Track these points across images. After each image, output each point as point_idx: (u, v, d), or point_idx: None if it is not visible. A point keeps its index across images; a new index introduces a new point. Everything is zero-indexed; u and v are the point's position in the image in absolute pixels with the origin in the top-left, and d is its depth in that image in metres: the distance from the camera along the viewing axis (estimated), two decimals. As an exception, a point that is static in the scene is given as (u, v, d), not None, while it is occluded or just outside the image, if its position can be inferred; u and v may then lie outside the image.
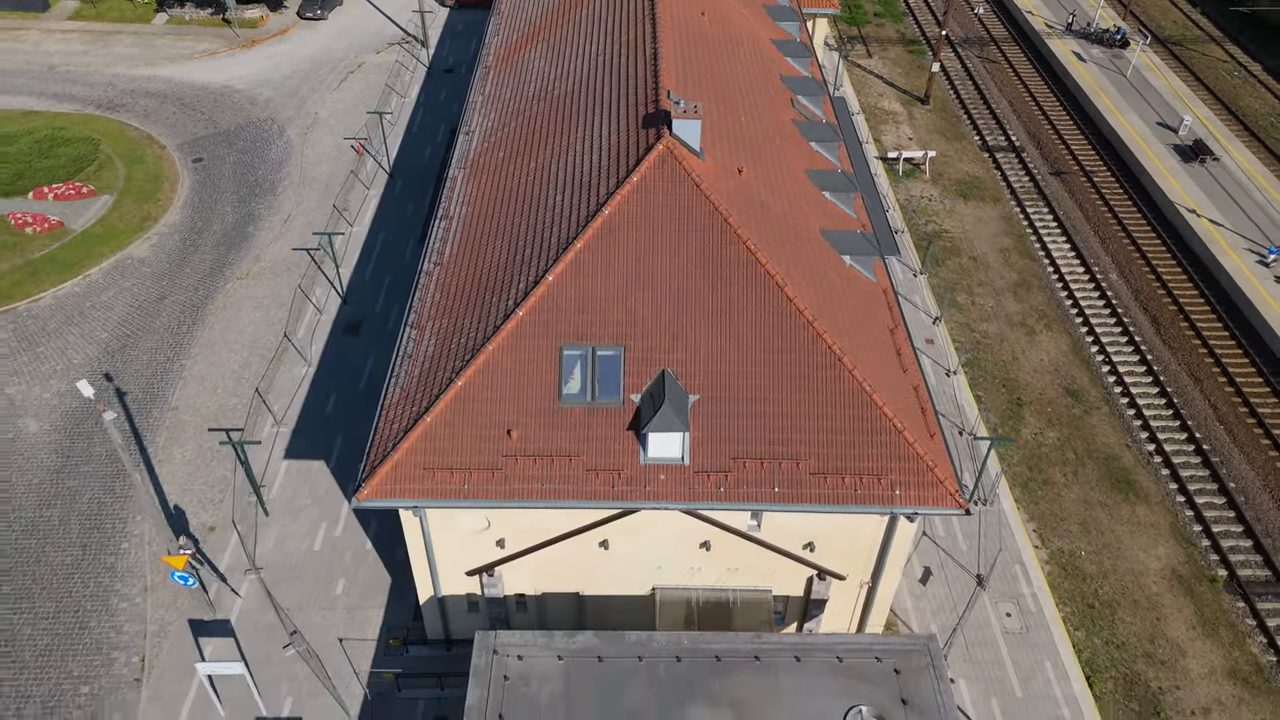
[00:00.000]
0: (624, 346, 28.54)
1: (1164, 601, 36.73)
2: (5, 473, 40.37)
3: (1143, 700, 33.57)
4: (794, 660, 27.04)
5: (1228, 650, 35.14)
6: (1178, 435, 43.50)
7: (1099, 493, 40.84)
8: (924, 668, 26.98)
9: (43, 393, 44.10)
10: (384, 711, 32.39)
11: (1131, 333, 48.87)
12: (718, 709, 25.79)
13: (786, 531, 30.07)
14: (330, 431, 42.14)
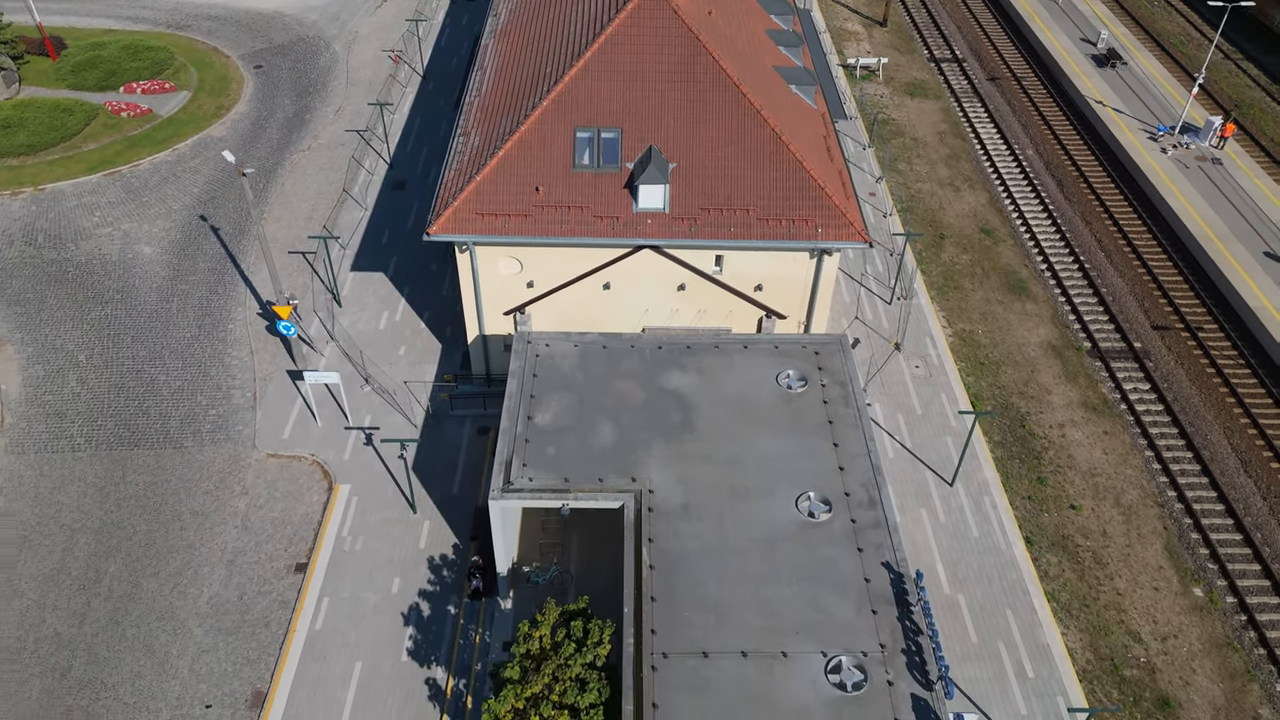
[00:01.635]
0: (621, 129, 39.09)
1: (1038, 362, 47.41)
2: (130, 279, 50.91)
3: (1013, 418, 44.26)
4: (743, 348, 37.73)
5: (1083, 391, 45.83)
6: (1066, 257, 54.23)
7: (998, 294, 51.50)
8: (836, 352, 37.65)
9: (151, 228, 54.60)
10: (440, 426, 42.95)
11: (1039, 190, 59.54)
12: (686, 373, 36.45)
13: (741, 276, 40.65)
14: (386, 254, 52.63)
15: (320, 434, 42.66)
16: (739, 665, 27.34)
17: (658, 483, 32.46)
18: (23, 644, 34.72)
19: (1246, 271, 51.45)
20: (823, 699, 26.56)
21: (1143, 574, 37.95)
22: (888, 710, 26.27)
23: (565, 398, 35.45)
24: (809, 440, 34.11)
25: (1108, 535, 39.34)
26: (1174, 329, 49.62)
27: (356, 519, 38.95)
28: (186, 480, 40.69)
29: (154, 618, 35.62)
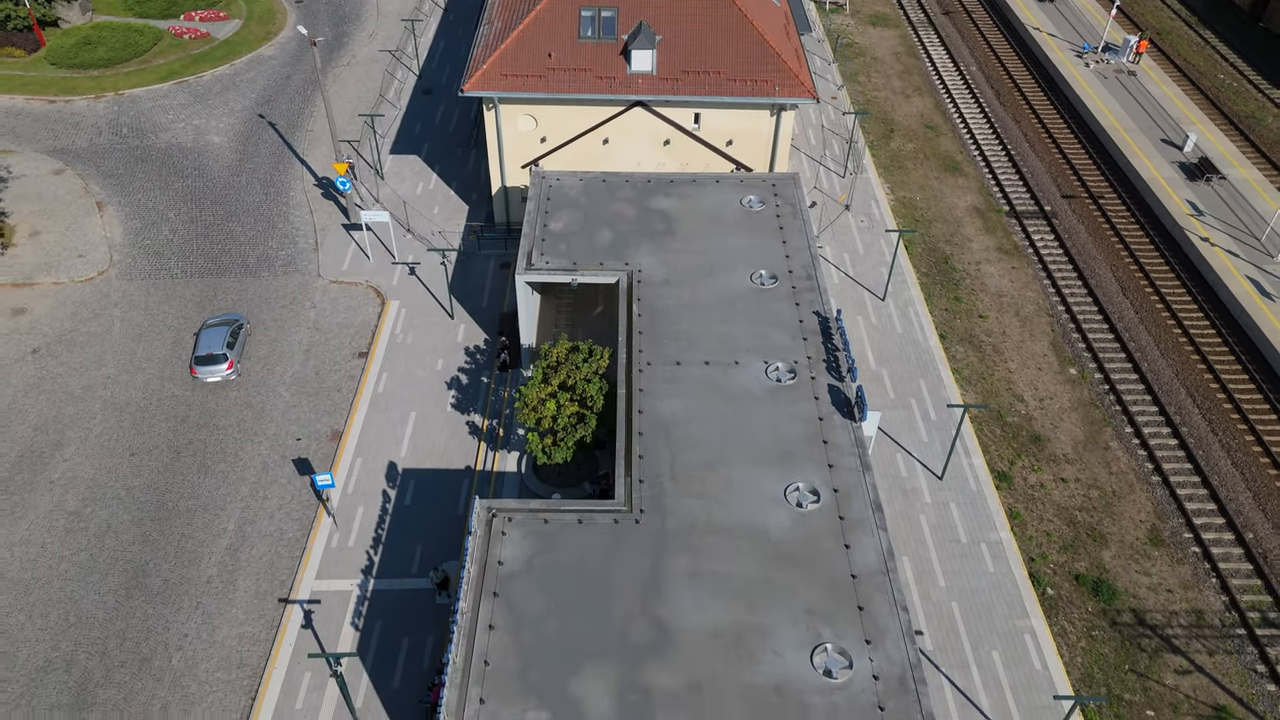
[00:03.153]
0: (617, 9, 48.71)
1: (964, 220, 57.12)
2: (204, 160, 60.55)
3: (938, 257, 53.96)
4: (715, 181, 47.39)
5: (999, 239, 55.54)
6: (995, 145, 64.04)
7: (935, 173, 61.21)
8: (789, 184, 47.24)
9: (218, 123, 64.22)
10: (469, 263, 52.56)
11: (978, 97, 69.24)
12: (670, 198, 46.11)
13: (715, 131, 50.25)
14: (419, 142, 62.25)
15: (372, 267, 52.29)
16: (702, 369, 37.05)
17: (645, 265, 42.13)
18: (149, 396, 44.37)
19: (1145, 155, 61.13)
20: (763, 387, 36.26)
21: (1030, 360, 47.68)
22: (809, 392, 35.99)
23: (573, 213, 45.12)
24: (763, 239, 43.80)
25: (1006, 334, 49.07)
26: (1079, 197, 59.34)
27: (405, 322, 48.62)
28: (265, 298, 50.36)
29: (249, 385, 45.30)
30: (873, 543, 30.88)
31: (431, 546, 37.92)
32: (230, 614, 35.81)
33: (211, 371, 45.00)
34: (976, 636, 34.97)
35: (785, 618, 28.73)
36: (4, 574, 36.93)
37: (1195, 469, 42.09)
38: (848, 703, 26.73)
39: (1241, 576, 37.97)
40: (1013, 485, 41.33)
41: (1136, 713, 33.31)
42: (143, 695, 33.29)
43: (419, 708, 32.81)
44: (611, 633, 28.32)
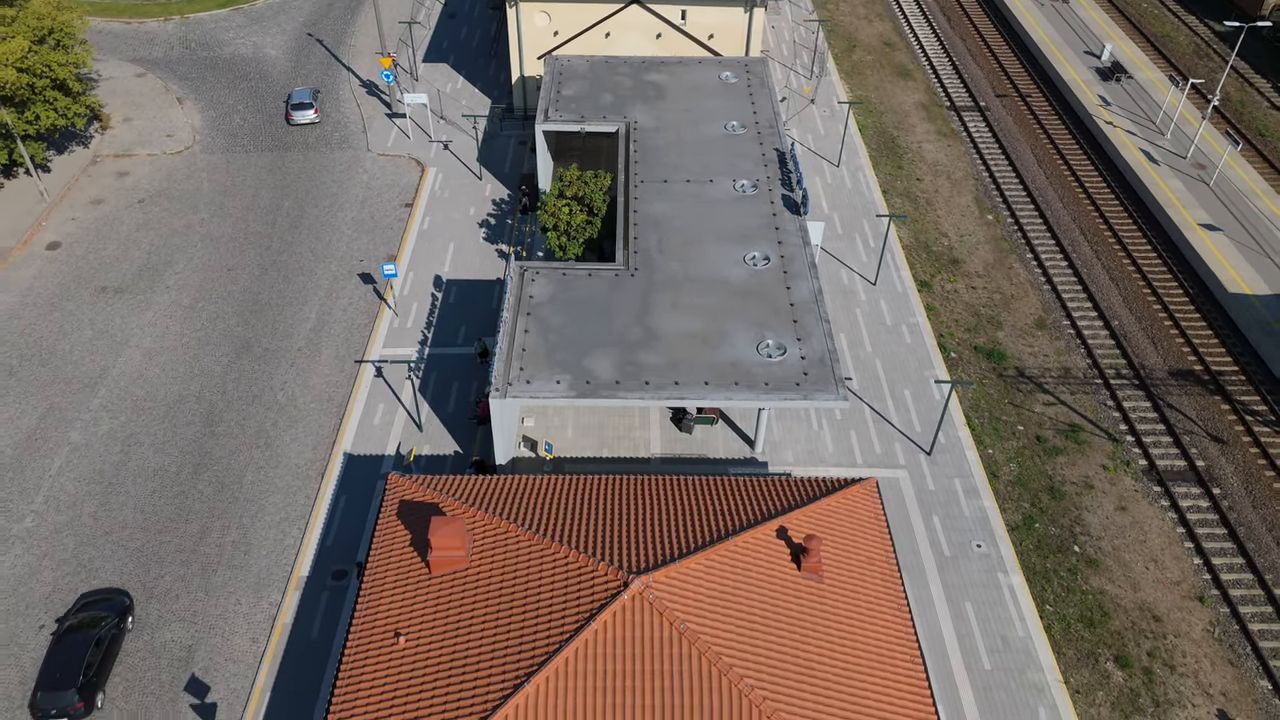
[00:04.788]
0: (617, -76, 59.04)
1: (911, 112, 67.58)
2: (263, 67, 70.92)
3: (886, 138, 64.43)
4: (698, 62, 57.75)
5: (939, 126, 66.03)
6: (942, 58, 74.52)
7: (889, 78, 71.66)
8: (759, 65, 57.59)
9: (273, 40, 74.56)
10: (493, 141, 62.93)
11: (931, 22, 79.68)
12: (661, 73, 56.50)
13: (699, 26, 60.60)
14: (446, 54, 72.62)
15: (412, 144, 62.69)
16: (684, 185, 47.49)
17: (640, 119, 52.56)
18: (238, 233, 54.82)
19: (1068, 61, 71.59)
20: (730, 196, 46.69)
21: (955, 210, 58.18)
22: (766, 199, 46.45)
23: (581, 84, 55.54)
24: (736, 102, 54.24)
25: (938, 192, 59.57)
26: (1010, 95, 69.87)
27: (442, 183, 59.02)
28: (325, 166, 60.75)
29: (318, 225, 55.71)
30: (808, 286, 41.37)
31: (472, 328, 48.36)
32: (319, 369, 46.28)
33: (303, 116, 63.28)
34: (893, 382, 45.42)
35: (739, 327, 39.24)
36: (139, 344, 47.38)
37: (1079, 280, 52.65)
38: (782, 372, 37.26)
39: (1104, 348, 48.50)
40: (932, 290, 51.82)
41: (1009, 427, 43.83)
42: (257, 417, 43.75)
43: (469, 423, 43.28)
44: (613, 335, 38.82)
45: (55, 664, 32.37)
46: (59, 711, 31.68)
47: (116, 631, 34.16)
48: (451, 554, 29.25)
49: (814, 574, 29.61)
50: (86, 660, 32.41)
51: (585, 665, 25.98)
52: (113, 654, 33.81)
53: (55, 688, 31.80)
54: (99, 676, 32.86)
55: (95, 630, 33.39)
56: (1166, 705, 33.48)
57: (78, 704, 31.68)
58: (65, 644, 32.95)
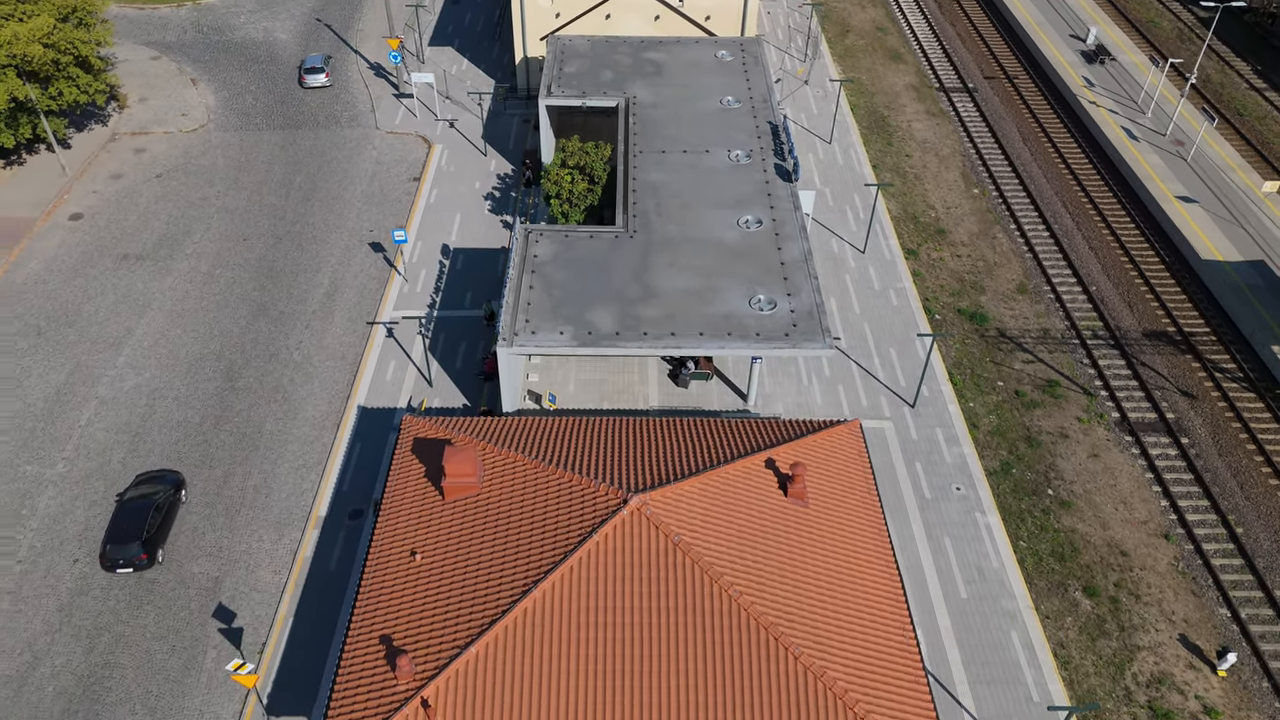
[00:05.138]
0: (617, -91, 61.23)
1: (902, 93, 69.80)
2: (274, 50, 73.16)
3: (877, 117, 66.68)
4: (695, 42, 59.98)
5: (928, 106, 68.29)
6: (933, 42, 76.71)
7: (881, 61, 73.89)
8: (753, 44, 59.83)
9: (283, 24, 76.79)
10: (496, 120, 65.15)
11: (922, 7, 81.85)
12: (659, 52, 58.73)
13: (696, 8, 62.79)
14: (451, 38, 74.82)
15: (419, 123, 64.92)
16: (681, 155, 49.72)
17: (639, 94, 54.79)
18: (253, 205, 57.06)
19: (1054, 44, 73.83)
20: (725, 165, 48.92)
21: (943, 184, 60.41)
22: (759, 167, 48.68)
23: (582, 62, 57.78)
24: (731, 79, 56.47)
25: (926, 167, 61.83)
26: (998, 77, 72.10)
27: (448, 159, 61.26)
28: (335, 143, 62.98)
29: (329, 198, 57.94)
30: (798, 247, 43.63)
31: (479, 293, 50.59)
32: (332, 330, 48.52)
33: (315, 79, 67.39)
34: (879, 341, 47.67)
35: (733, 284, 41.50)
36: (160, 307, 49.61)
37: (1059, 248, 54.91)
38: (772, 323, 39.52)
39: (1082, 311, 50.75)
40: (919, 258, 54.08)
41: (989, 383, 46.08)
42: (275, 374, 45.98)
43: (476, 378, 45.52)
44: (613, 291, 41.07)
45: (121, 523, 37.16)
46: (125, 561, 36.52)
47: (173, 501, 38.93)
48: (464, 480, 31.52)
49: (799, 500, 31.86)
50: (148, 521, 37.16)
51: (588, 573, 28.25)
52: (170, 519, 38.59)
53: (122, 541, 36.61)
54: (159, 536, 37.61)
55: (154, 497, 38.27)
56: (1131, 630, 35.74)
57: (141, 555, 36.62)
58: (128, 507, 37.73)
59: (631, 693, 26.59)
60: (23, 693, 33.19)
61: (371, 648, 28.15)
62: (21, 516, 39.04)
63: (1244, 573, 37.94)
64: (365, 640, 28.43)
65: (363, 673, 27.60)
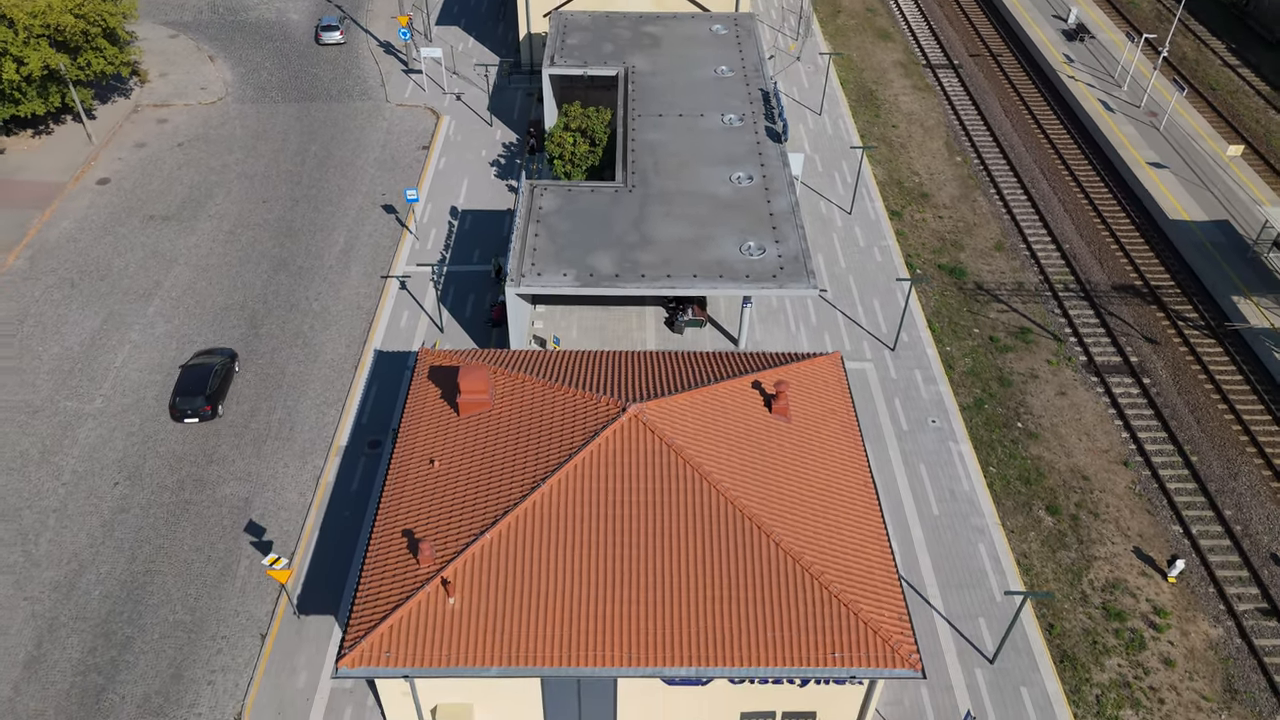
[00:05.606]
0: (617, -109, 64.21)
1: (889, 69, 72.82)
2: (287, 30, 76.15)
3: (865, 91, 69.71)
4: (690, 17, 62.97)
5: (914, 81, 71.29)
6: (922, 23, 79.65)
7: (870, 40, 76.91)
8: (746, 20, 62.82)
9: (295, 5, 79.80)
10: (501, 93, 68.14)
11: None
12: (657, 26, 61.71)
13: (692, -12, 65.80)
14: (458, 17, 77.80)
15: (427, 96, 67.94)
16: (677, 119, 52.74)
17: (637, 64, 57.80)
18: (270, 170, 60.10)
19: (1036, 24, 76.86)
20: (719, 128, 51.95)
21: (927, 153, 63.46)
22: (752, 129, 51.70)
23: (584, 35, 60.80)
24: (725, 51, 59.49)
25: (911, 137, 64.85)
26: (982, 55, 75.17)
27: (456, 128, 64.28)
28: (348, 115, 66.00)
29: (343, 165, 60.95)
30: (786, 200, 46.67)
31: (486, 250, 53.61)
32: (349, 283, 51.54)
33: (330, 36, 72.86)
34: (864, 292, 50.69)
35: (725, 233, 44.54)
36: (186, 262, 52.62)
37: (1036, 211, 57.97)
38: (761, 267, 42.56)
39: (1055, 266, 53.81)
40: (902, 219, 57.14)
41: (966, 330, 49.13)
42: (295, 322, 49.01)
43: (485, 325, 48.54)
44: (613, 238, 44.11)
45: (187, 381, 43.60)
46: (192, 412, 42.83)
47: (229, 368, 45.28)
48: (477, 397, 34.55)
49: (783, 416, 34.89)
50: (210, 380, 43.60)
51: (590, 471, 31.29)
52: (227, 381, 44.83)
53: (189, 394, 42.96)
54: (219, 393, 43.86)
55: (213, 363, 44.58)
56: (1089, 543, 38.79)
57: (206, 408, 42.96)
58: (193, 369, 44.20)
59: (630, 574, 29.63)
60: (71, 595, 36.22)
61: (394, 539, 31.19)
62: (64, 445, 42.08)
63: (1196, 495, 40.98)
64: (389, 533, 31.46)
65: (387, 559, 30.64)
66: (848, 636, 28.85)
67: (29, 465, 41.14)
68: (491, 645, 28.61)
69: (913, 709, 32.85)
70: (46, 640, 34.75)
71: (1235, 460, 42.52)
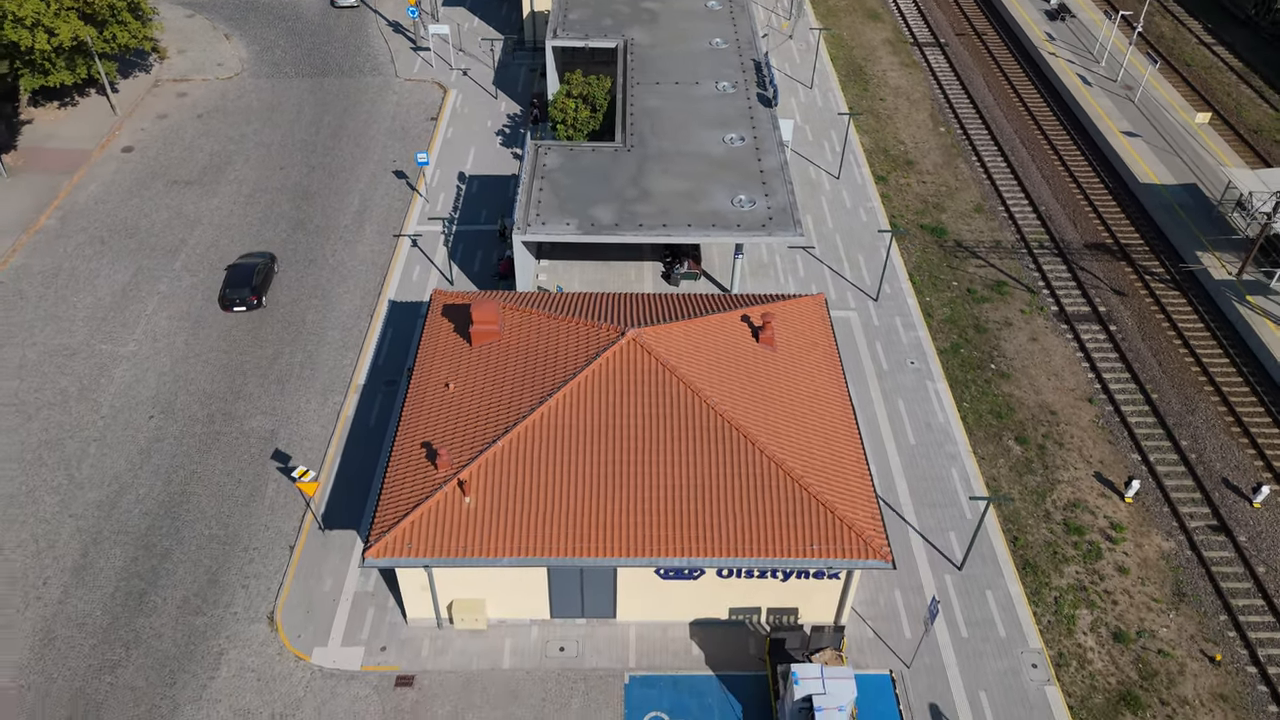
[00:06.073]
0: (617, -126, 67.22)
1: (878, 47, 75.90)
2: (299, 11, 79.16)
3: (854, 67, 72.73)
4: (687, -5, 66.03)
5: (902, 58, 74.29)
6: (911, 6, 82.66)
7: (860, 19, 79.98)
8: (740, -3, 65.90)
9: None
10: (506, 69, 71.14)
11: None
12: (654, 2, 64.71)
13: (688, -33, 68.78)
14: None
15: (435, 72, 70.95)
16: (673, 86, 55.78)
17: (636, 37, 60.82)
18: (286, 140, 63.12)
19: (1019, 4, 79.84)
20: (713, 94, 55.00)
21: (913, 124, 66.51)
22: (744, 96, 54.72)
23: (585, 10, 63.83)
24: (719, 25, 62.54)
25: (898, 109, 67.91)
26: (967, 34, 78.26)
27: (462, 101, 67.30)
28: (359, 89, 69.02)
29: (356, 134, 63.95)
30: (775, 159, 49.71)
31: (492, 210, 56.62)
32: (363, 241, 54.56)
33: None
34: (849, 247, 53.73)
35: (718, 187, 47.59)
36: (209, 222, 55.63)
37: (1015, 176, 61.04)
38: (752, 217, 45.62)
39: (1031, 226, 56.91)
40: (888, 183, 60.20)
41: (945, 283, 52.20)
42: (314, 276, 52.03)
43: (492, 278, 51.57)
44: (613, 192, 47.16)
45: (235, 275, 49.99)
46: (240, 301, 49.03)
47: (270, 267, 51.59)
48: (488, 327, 37.58)
49: (769, 345, 37.94)
50: (254, 275, 49.99)
51: (592, 388, 34.34)
52: (269, 278, 51.12)
53: (238, 286, 49.27)
54: (262, 286, 50.27)
55: (257, 262, 51.05)
56: (1054, 469, 41.84)
57: (252, 298, 49.19)
58: (239, 266, 50.63)
59: (628, 477, 32.67)
60: (113, 513, 39.26)
61: (414, 449, 34.24)
62: (100, 384, 45.13)
63: (1155, 428, 44.03)
64: (409, 444, 34.50)
65: (408, 466, 33.69)
66: (825, 532, 31.90)
67: (69, 401, 44.18)
68: (503, 539, 31.66)
69: (887, 608, 35.90)
70: (92, 551, 37.80)
71: (1193, 398, 45.59)
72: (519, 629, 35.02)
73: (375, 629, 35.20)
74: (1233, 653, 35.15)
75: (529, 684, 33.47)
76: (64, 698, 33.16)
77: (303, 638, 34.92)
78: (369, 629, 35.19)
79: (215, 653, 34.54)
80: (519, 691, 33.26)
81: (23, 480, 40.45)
